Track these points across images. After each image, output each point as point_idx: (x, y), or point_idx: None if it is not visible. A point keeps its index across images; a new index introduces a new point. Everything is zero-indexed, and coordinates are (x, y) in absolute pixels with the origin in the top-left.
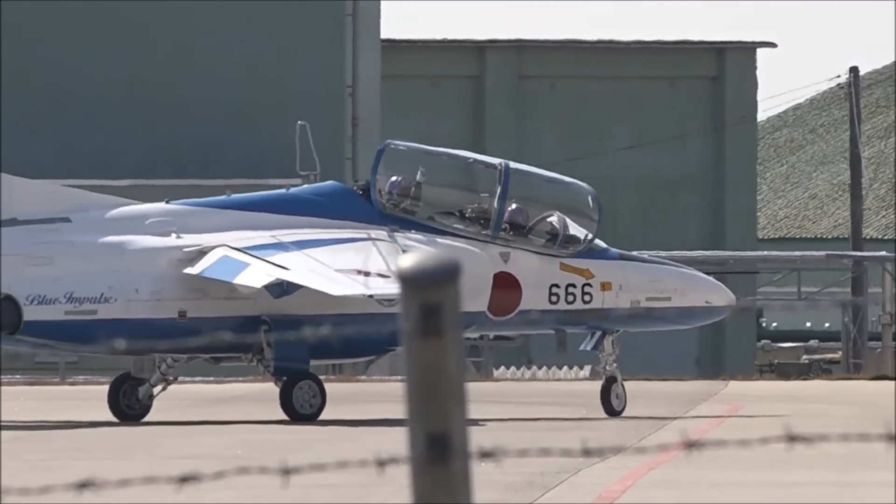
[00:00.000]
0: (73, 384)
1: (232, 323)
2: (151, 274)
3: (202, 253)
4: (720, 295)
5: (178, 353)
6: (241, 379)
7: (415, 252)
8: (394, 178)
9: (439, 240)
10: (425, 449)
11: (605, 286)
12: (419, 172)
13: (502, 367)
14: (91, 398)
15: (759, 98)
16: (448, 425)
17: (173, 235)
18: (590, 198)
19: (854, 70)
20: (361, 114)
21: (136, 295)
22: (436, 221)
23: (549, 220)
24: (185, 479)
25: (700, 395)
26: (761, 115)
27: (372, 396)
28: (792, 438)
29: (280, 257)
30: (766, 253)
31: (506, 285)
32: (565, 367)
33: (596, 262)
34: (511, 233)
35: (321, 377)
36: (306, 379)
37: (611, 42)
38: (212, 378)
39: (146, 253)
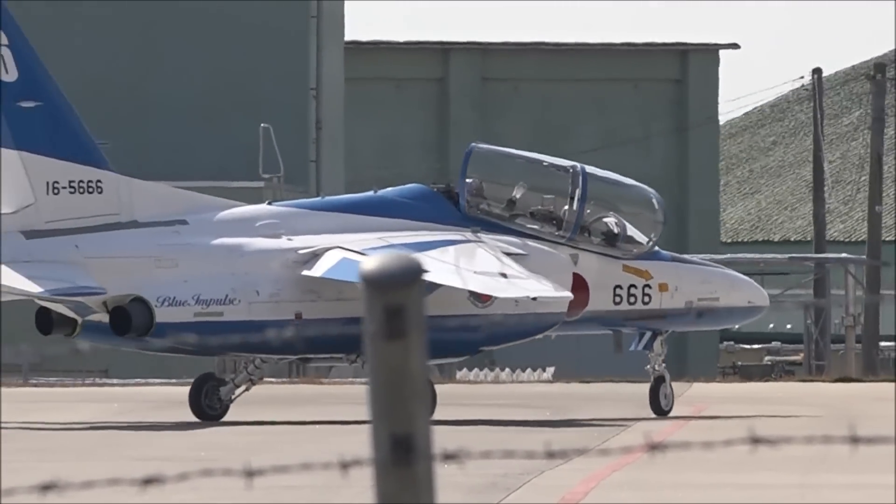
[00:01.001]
0: (35, 385)
1: (341, 324)
2: (270, 276)
3: (316, 255)
4: (759, 295)
5: (290, 355)
6: None
7: (377, 254)
8: (471, 180)
9: (517, 241)
10: (389, 450)
11: (662, 287)
12: (518, 184)
13: (465, 369)
14: (54, 399)
15: (722, 100)
16: (412, 427)
17: (284, 237)
18: (654, 200)
19: (817, 71)
20: (325, 116)
21: (257, 297)
22: (515, 223)
23: (613, 221)
24: (148, 481)
25: None
26: (724, 117)
27: (336, 398)
28: (755, 440)
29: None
30: (729, 255)
31: (576, 286)
32: (528, 370)
33: (653, 264)
34: (581, 235)
35: (284, 379)
36: None
37: (575, 44)
38: (174, 380)
39: (264, 255)
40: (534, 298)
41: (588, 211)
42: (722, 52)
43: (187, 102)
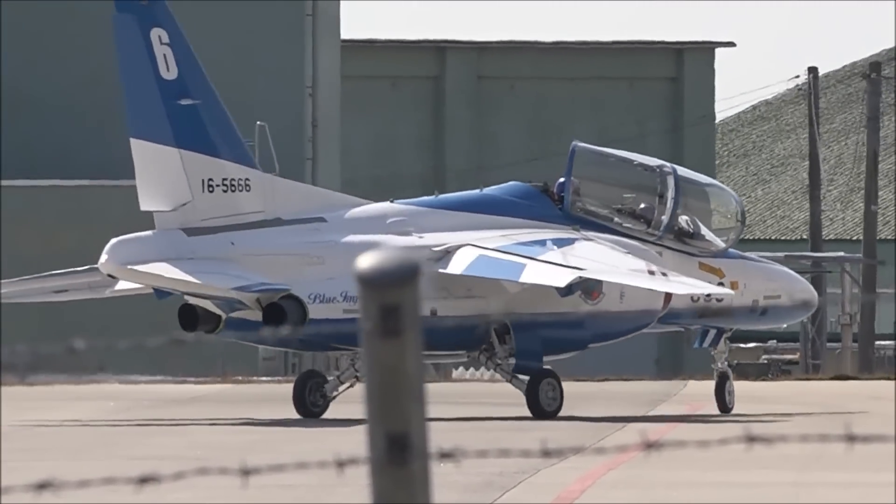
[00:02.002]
0: (31, 385)
1: (470, 322)
2: None
3: (448, 252)
4: (811, 291)
5: (426, 352)
6: (199, 380)
7: (374, 253)
8: (568, 179)
9: (621, 239)
10: (385, 449)
11: (733, 285)
12: (614, 183)
13: (461, 368)
14: (49, 398)
15: (717, 98)
16: (407, 426)
17: (415, 235)
18: (734, 201)
19: (813, 70)
20: (321, 114)
21: None
22: (612, 222)
23: (692, 220)
24: (144, 480)
25: (659, 395)
26: (720, 116)
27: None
28: (751, 439)
29: (550, 256)
30: None
31: None
32: None
33: (724, 262)
34: (667, 233)
35: (280, 378)
36: (549, 377)
37: (570, 43)
38: (171, 378)
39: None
40: (708, 296)
41: (677, 210)
42: (717, 51)
43: None
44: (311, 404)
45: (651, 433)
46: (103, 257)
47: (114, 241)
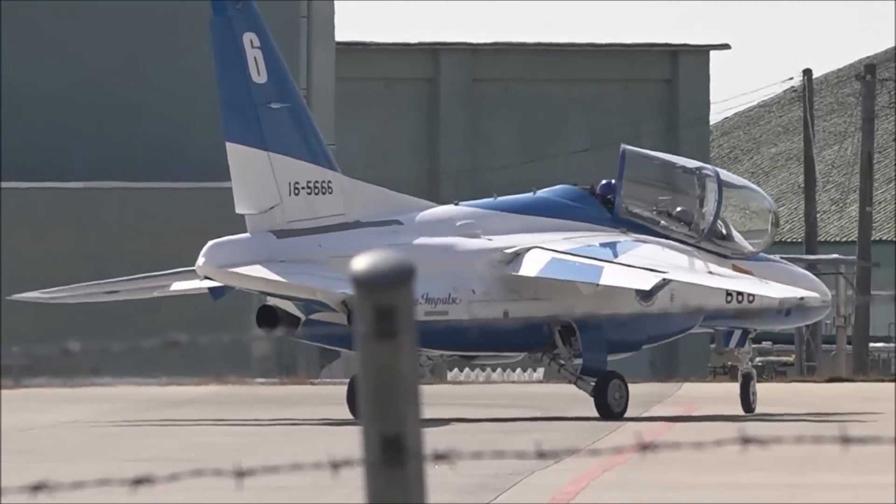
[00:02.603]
0: (26, 387)
1: (536, 323)
2: (481, 275)
3: (517, 255)
4: (827, 293)
5: (490, 353)
6: (194, 381)
7: (368, 255)
8: (619, 182)
9: (672, 242)
10: (380, 451)
11: None
12: (659, 185)
13: (456, 370)
14: (44, 400)
15: (712, 100)
16: (402, 427)
17: (483, 237)
18: (768, 204)
19: (808, 72)
20: (316, 116)
21: (473, 296)
22: (657, 224)
23: (726, 223)
24: (139, 482)
25: (654, 396)
26: (715, 118)
27: (326, 399)
28: (746, 440)
29: (626, 258)
30: None
31: None
32: (519, 370)
33: (753, 263)
34: (708, 235)
35: (274, 380)
36: (615, 378)
37: (564, 45)
38: (165, 380)
39: (474, 255)
40: (801, 299)
41: (719, 213)
42: (712, 53)
43: (176, 102)
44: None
45: (646, 434)
46: (200, 260)
47: (210, 244)
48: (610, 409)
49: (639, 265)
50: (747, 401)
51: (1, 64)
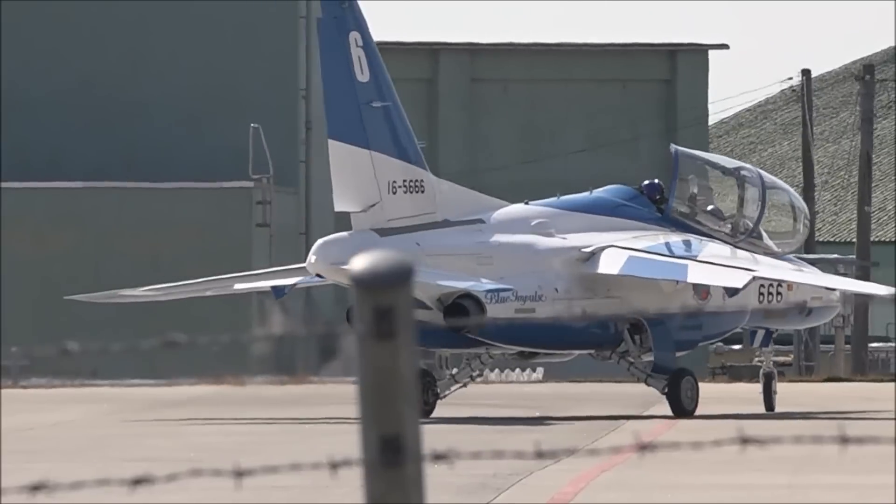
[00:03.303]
0: (25, 387)
1: (608, 321)
2: (562, 274)
3: (592, 254)
4: (836, 293)
5: (562, 351)
6: (192, 382)
7: (367, 254)
8: (674, 183)
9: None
10: (378, 451)
11: (789, 286)
12: (706, 185)
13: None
14: (43, 401)
15: (711, 100)
16: (401, 427)
17: (557, 236)
18: (800, 206)
19: (806, 72)
20: (315, 117)
21: (556, 294)
22: (703, 225)
23: (761, 224)
24: (138, 482)
25: (653, 397)
26: (713, 118)
27: (325, 398)
28: (745, 441)
29: (707, 256)
30: None
31: None
32: (518, 370)
33: (781, 264)
34: (749, 235)
35: (273, 378)
36: (687, 376)
37: (563, 45)
38: (164, 381)
39: (554, 253)
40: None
41: (763, 213)
42: (711, 53)
43: (176, 103)
44: (423, 402)
45: (645, 435)
46: (311, 258)
47: (320, 242)
48: (683, 406)
49: (724, 263)
50: (769, 399)
51: (1, 64)
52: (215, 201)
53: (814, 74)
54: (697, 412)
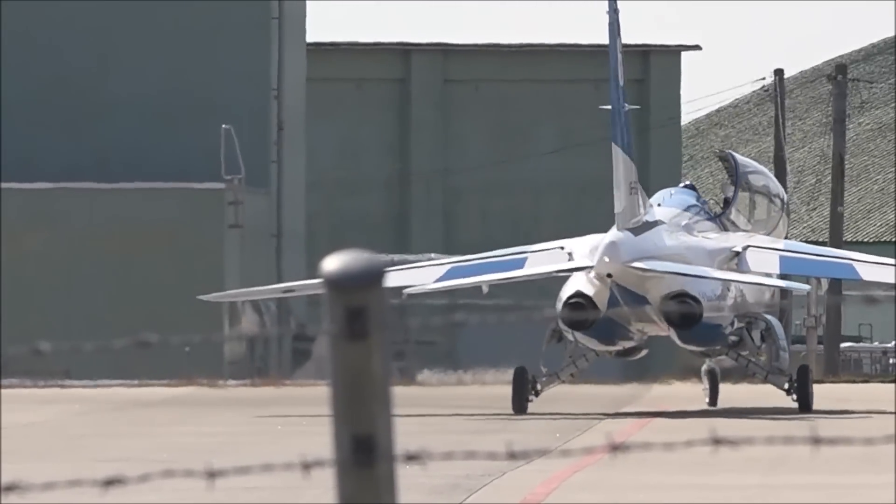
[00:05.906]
0: None
1: (738, 321)
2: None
3: (736, 254)
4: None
5: (709, 349)
6: (164, 382)
7: (338, 255)
8: (737, 188)
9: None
10: (350, 451)
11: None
12: (744, 189)
13: (426, 371)
14: (14, 401)
15: (683, 101)
16: (373, 428)
17: (699, 236)
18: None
19: (779, 72)
20: (286, 117)
21: (727, 293)
22: (734, 227)
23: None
24: (110, 482)
25: (625, 397)
26: (686, 118)
27: (297, 399)
28: (717, 441)
29: (852, 254)
30: None
31: None
32: (491, 371)
33: None
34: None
35: (245, 381)
36: (810, 371)
37: (535, 45)
38: (136, 381)
39: (715, 253)
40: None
41: (787, 217)
42: (683, 54)
43: (148, 103)
44: (525, 400)
45: (617, 435)
46: (604, 258)
47: (610, 242)
48: (808, 402)
49: (874, 261)
50: (715, 396)
51: None
52: (187, 202)
53: (786, 75)
54: (671, 411)
